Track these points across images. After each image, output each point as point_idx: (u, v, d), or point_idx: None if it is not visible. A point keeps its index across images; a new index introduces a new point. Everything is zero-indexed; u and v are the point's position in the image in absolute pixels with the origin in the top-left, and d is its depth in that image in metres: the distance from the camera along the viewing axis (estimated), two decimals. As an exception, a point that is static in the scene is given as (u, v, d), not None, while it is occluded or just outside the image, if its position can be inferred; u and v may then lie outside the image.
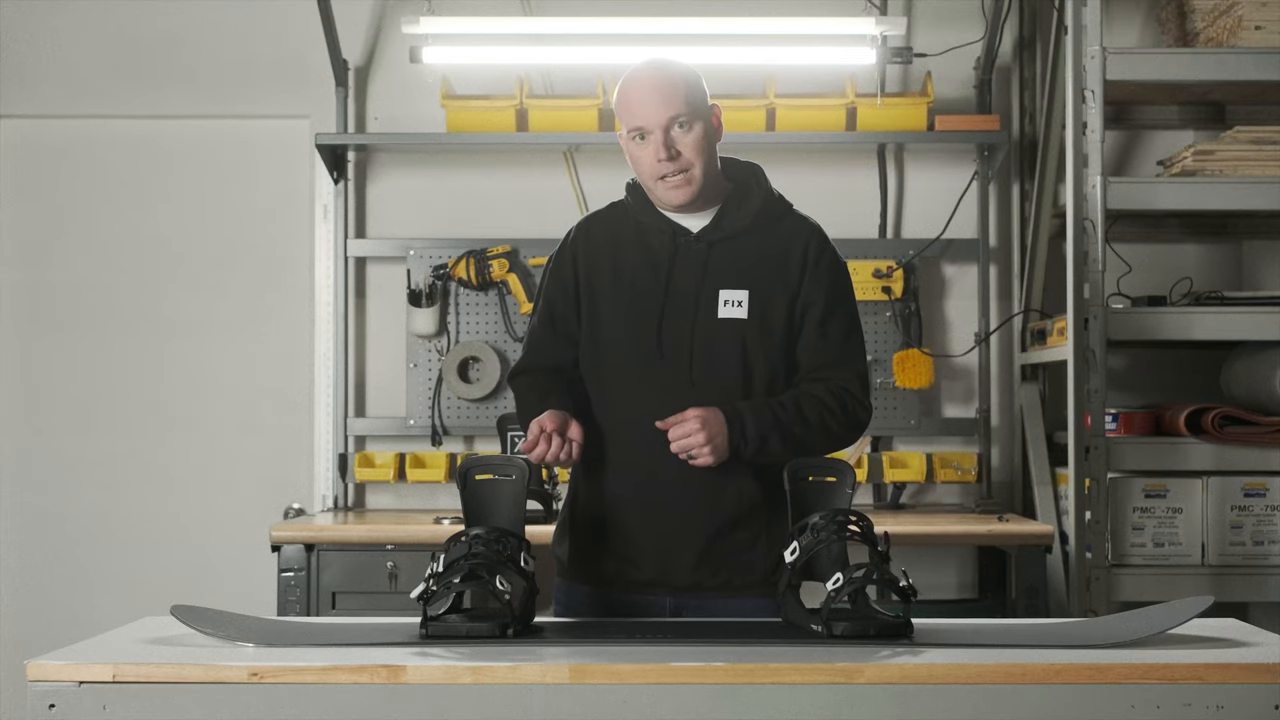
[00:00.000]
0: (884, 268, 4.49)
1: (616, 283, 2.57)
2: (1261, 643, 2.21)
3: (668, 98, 2.49)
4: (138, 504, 4.65)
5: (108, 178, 4.71)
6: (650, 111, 2.49)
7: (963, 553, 4.55)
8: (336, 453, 4.60)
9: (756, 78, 4.53)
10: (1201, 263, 4.60)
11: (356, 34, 4.68)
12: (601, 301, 2.58)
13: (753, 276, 2.55)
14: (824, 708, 1.98)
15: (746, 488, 2.53)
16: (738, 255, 2.56)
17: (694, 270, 2.55)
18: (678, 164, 2.50)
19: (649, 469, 2.51)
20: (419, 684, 1.99)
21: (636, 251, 2.58)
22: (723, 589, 2.53)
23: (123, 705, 1.97)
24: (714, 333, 2.52)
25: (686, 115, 2.49)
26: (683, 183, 2.51)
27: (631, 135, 2.52)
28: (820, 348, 2.56)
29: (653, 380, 2.52)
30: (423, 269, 4.58)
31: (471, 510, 2.40)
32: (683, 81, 2.51)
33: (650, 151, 2.50)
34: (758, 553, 2.54)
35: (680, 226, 2.57)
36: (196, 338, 4.69)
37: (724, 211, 2.58)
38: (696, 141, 2.50)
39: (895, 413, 4.56)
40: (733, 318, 2.53)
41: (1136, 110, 4.58)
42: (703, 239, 2.56)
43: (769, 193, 2.62)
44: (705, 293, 2.54)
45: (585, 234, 2.65)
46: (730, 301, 2.53)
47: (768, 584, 2.49)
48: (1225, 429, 3.90)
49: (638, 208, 2.61)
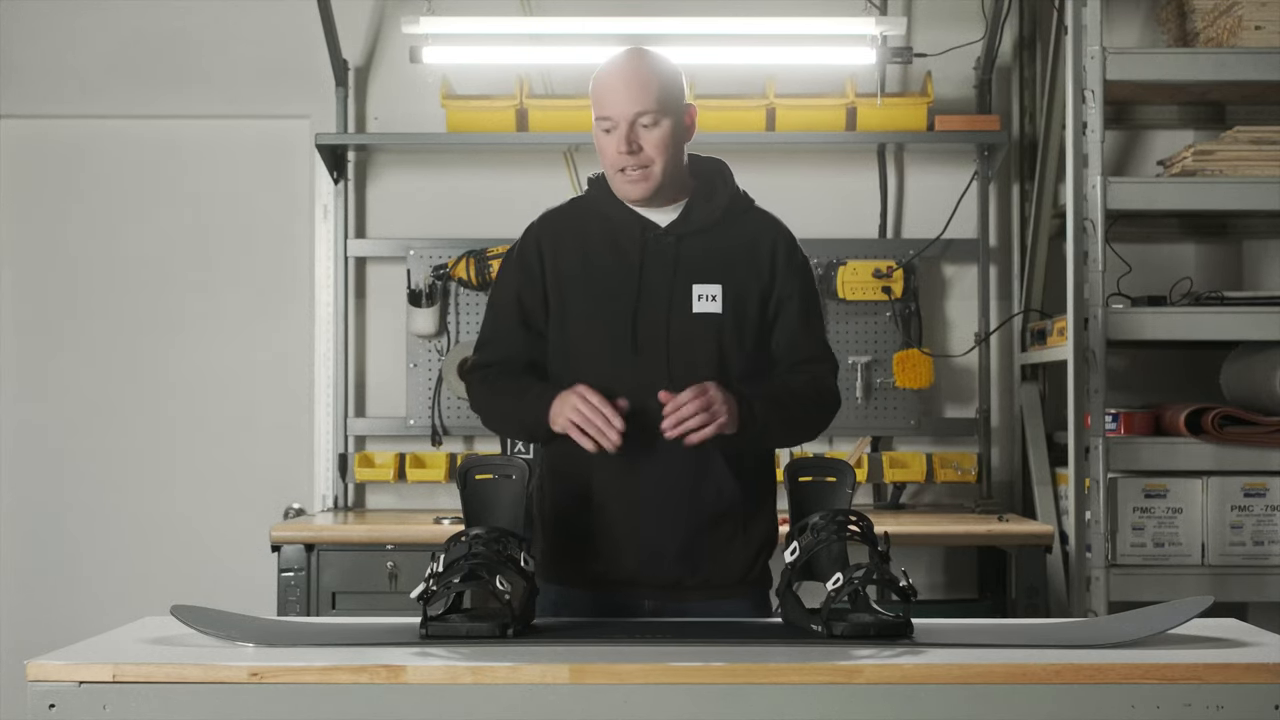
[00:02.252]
0: (884, 268, 4.49)
1: (587, 276, 2.56)
2: (1261, 643, 2.21)
3: (637, 93, 2.48)
4: (138, 504, 4.65)
5: (108, 178, 4.71)
6: (618, 104, 2.49)
7: (963, 553, 4.55)
8: (336, 453, 4.60)
9: (756, 78, 4.53)
10: (1201, 263, 4.61)
11: (356, 34, 4.68)
12: (571, 295, 2.56)
13: (725, 271, 2.55)
14: (824, 708, 1.98)
15: (726, 486, 2.53)
16: (708, 250, 2.56)
17: (665, 264, 2.54)
18: (638, 159, 2.50)
19: (627, 465, 2.48)
20: (419, 684, 1.99)
21: (604, 245, 2.57)
22: (702, 588, 2.52)
23: (123, 705, 1.97)
24: (689, 327, 2.52)
25: (654, 112, 2.49)
26: (640, 178, 2.51)
27: (599, 125, 2.53)
28: (803, 341, 2.59)
29: (627, 376, 2.50)
30: (423, 269, 4.58)
31: (471, 510, 2.40)
32: (656, 77, 2.51)
33: (614, 143, 2.50)
34: (735, 550, 2.54)
35: (648, 220, 2.57)
36: (196, 338, 4.69)
37: (692, 206, 2.58)
38: (661, 139, 2.50)
39: (895, 413, 4.56)
40: (707, 312, 2.53)
41: (1136, 110, 4.58)
42: (671, 233, 2.56)
43: (734, 189, 2.63)
44: (679, 287, 2.53)
45: (549, 227, 2.63)
46: (704, 296, 2.53)
47: (744, 583, 2.52)
48: (1225, 429, 3.90)
49: (602, 201, 2.60)
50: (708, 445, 2.44)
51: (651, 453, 2.47)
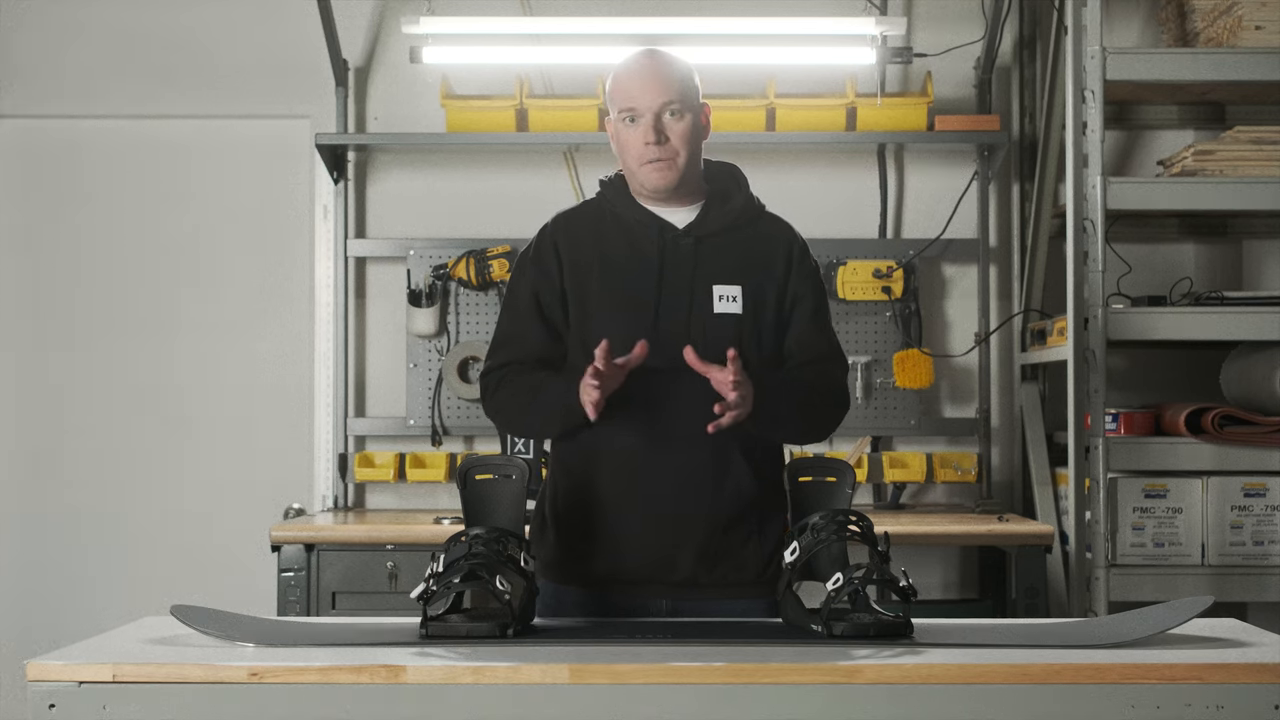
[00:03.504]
0: (884, 268, 4.49)
1: (606, 276, 2.55)
2: (1261, 643, 2.21)
3: (663, 84, 2.51)
4: (138, 503, 4.65)
5: (108, 178, 4.71)
6: (645, 94, 2.50)
7: (963, 553, 4.56)
8: (336, 453, 4.60)
9: (756, 78, 4.53)
10: (1201, 263, 4.61)
11: (356, 34, 4.68)
12: (590, 295, 2.55)
13: (744, 272, 2.56)
14: (824, 708, 1.98)
15: (744, 485, 2.52)
16: (726, 251, 2.56)
17: (685, 265, 2.55)
18: (665, 149, 2.50)
19: (645, 464, 2.48)
20: (419, 684, 1.99)
21: (622, 245, 2.57)
22: (718, 586, 2.52)
23: (123, 705, 1.97)
24: (711, 327, 2.52)
25: (679, 104, 2.51)
26: (667, 167, 2.51)
27: (622, 117, 2.53)
28: (816, 340, 2.60)
29: (647, 377, 2.48)
30: (423, 269, 4.58)
31: (471, 510, 2.40)
32: (678, 72, 2.54)
33: (639, 134, 2.51)
34: (751, 550, 2.53)
35: (666, 221, 2.57)
36: (196, 338, 4.69)
37: (709, 207, 2.58)
38: (685, 131, 2.52)
39: (895, 413, 4.56)
40: (729, 312, 2.53)
41: (1136, 110, 4.58)
42: (690, 234, 2.56)
43: (749, 194, 2.64)
44: (699, 287, 2.54)
45: (564, 228, 2.62)
46: (725, 297, 2.54)
47: (760, 583, 2.50)
48: (1225, 429, 3.90)
49: (616, 201, 2.60)
50: (724, 435, 2.43)
51: (670, 451, 2.48)
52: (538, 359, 2.58)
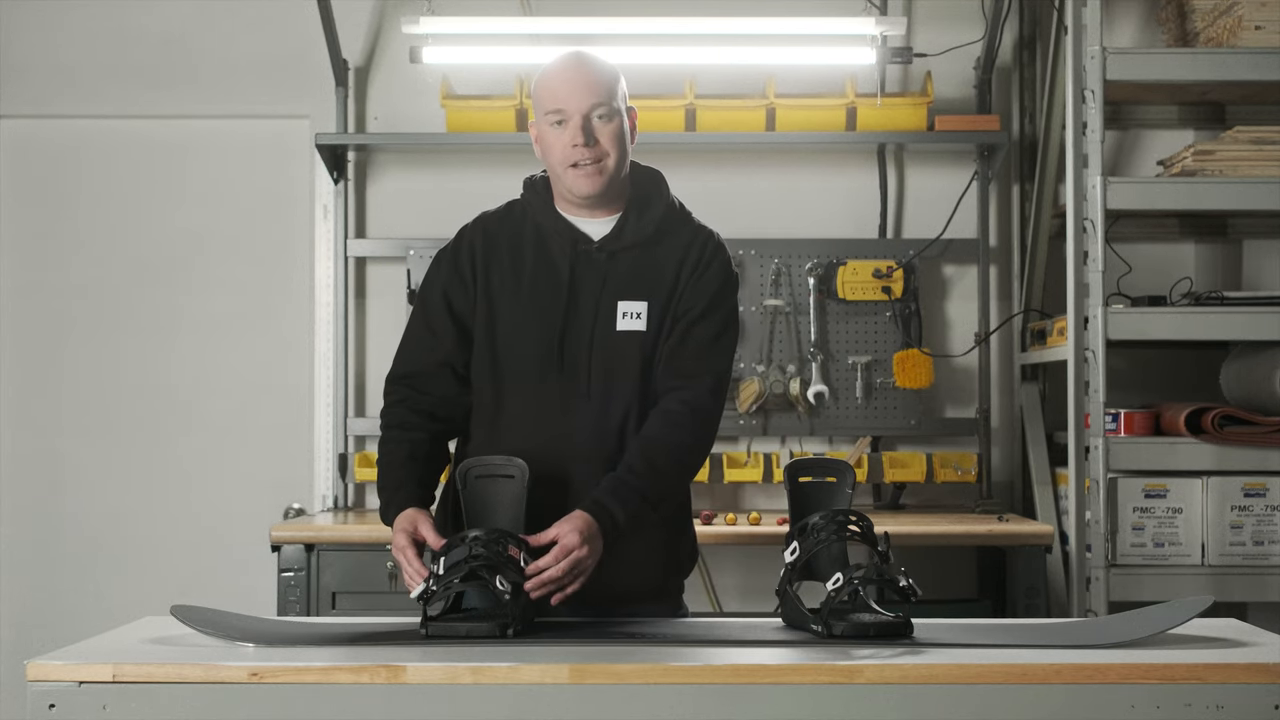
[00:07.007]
0: (884, 268, 4.49)
1: (517, 286, 2.54)
2: (1261, 643, 2.22)
3: (592, 86, 2.49)
4: (137, 504, 4.65)
5: (108, 178, 4.71)
6: (573, 96, 2.49)
7: (962, 553, 4.55)
8: (336, 453, 4.60)
9: (757, 78, 4.53)
10: (1201, 263, 4.61)
11: (356, 34, 4.68)
12: (500, 304, 2.54)
13: (650, 288, 2.52)
14: (824, 708, 1.98)
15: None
16: (636, 266, 2.54)
17: (594, 280, 2.52)
18: (593, 152, 2.49)
19: (541, 481, 2.42)
20: (419, 684, 1.99)
21: (536, 256, 2.55)
22: (622, 600, 2.47)
23: (123, 705, 1.98)
24: (612, 345, 2.50)
25: (607, 107, 2.50)
26: (594, 172, 2.49)
27: (549, 119, 2.51)
28: (676, 355, 2.51)
29: (548, 392, 2.49)
30: (423, 269, 4.51)
31: (471, 510, 2.40)
32: (606, 76, 2.53)
33: (567, 137, 2.49)
34: (653, 563, 2.52)
35: (581, 233, 2.55)
36: (196, 337, 4.69)
37: (625, 220, 2.55)
38: (614, 134, 2.50)
39: (895, 413, 4.56)
40: (631, 330, 2.51)
41: (1136, 110, 4.57)
42: (603, 248, 2.54)
43: (670, 202, 2.60)
44: (604, 303, 2.51)
45: (482, 232, 2.61)
46: (629, 314, 2.51)
47: (663, 592, 2.54)
48: (1225, 429, 3.90)
49: (537, 208, 2.59)
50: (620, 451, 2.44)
51: (566, 467, 2.45)
52: (440, 363, 2.55)
